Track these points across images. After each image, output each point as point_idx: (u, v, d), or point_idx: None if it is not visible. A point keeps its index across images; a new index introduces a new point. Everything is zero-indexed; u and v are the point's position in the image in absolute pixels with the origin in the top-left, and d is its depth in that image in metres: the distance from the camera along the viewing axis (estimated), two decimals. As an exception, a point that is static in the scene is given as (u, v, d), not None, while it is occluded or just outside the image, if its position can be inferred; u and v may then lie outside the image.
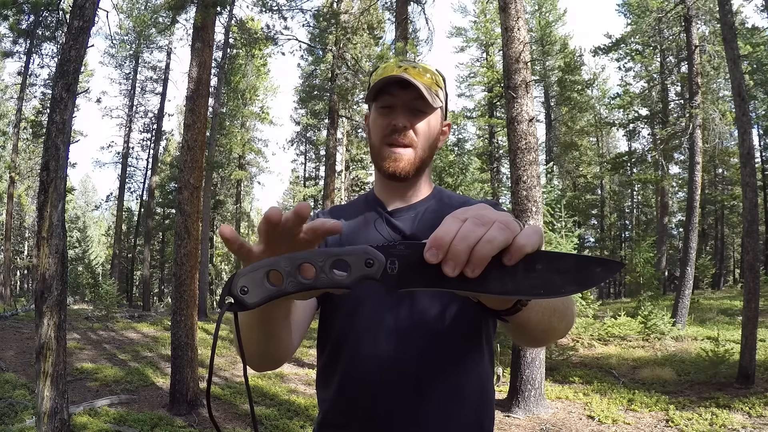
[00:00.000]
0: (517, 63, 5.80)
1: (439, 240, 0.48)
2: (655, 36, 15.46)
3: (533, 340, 0.82)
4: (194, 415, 5.62)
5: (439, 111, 1.01)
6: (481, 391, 0.94)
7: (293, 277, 0.49)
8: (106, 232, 38.07)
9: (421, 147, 0.98)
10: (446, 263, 0.48)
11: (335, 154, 16.38)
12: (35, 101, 18.34)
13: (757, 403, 5.43)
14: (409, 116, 0.97)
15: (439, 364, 0.90)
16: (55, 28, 9.60)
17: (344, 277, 0.50)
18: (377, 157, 1.00)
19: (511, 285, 0.50)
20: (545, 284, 0.50)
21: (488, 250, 0.47)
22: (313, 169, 29.80)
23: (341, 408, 0.94)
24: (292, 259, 0.50)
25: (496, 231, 0.48)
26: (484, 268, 0.48)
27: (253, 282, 0.50)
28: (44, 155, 3.83)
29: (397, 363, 0.89)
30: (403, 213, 1.01)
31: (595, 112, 24.31)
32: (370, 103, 1.03)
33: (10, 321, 11.25)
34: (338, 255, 0.50)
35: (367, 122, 1.06)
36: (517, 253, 0.48)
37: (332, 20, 13.23)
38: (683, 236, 12.17)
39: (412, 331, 0.90)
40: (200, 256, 7.31)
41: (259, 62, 21.65)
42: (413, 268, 0.51)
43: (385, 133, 0.98)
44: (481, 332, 0.95)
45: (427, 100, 0.94)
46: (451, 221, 0.50)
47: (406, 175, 0.98)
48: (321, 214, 1.05)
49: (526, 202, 5.69)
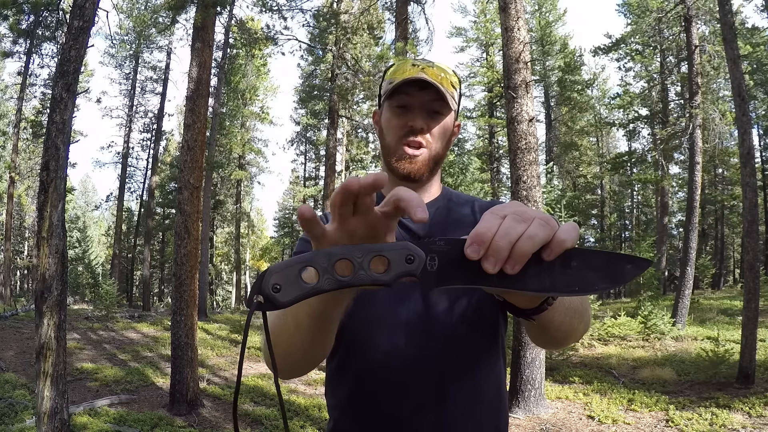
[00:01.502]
0: (517, 63, 5.79)
1: (480, 236, 0.48)
2: (655, 36, 15.47)
3: (554, 340, 0.81)
4: (194, 415, 5.62)
5: (453, 112, 0.99)
6: (497, 392, 0.93)
7: (330, 274, 0.47)
8: (106, 232, 38.07)
9: (435, 148, 0.97)
10: (487, 259, 0.48)
11: (335, 154, 16.37)
12: (35, 101, 18.36)
13: (757, 403, 5.43)
14: (426, 118, 0.95)
15: (458, 363, 0.88)
16: (55, 28, 9.61)
17: (383, 273, 0.48)
18: (391, 157, 0.98)
19: (548, 282, 0.50)
20: (580, 281, 0.50)
21: (530, 246, 0.47)
22: (313, 169, 29.80)
23: (355, 413, 0.90)
24: (328, 254, 0.48)
25: (537, 227, 0.48)
26: (525, 266, 0.48)
27: (287, 279, 0.47)
28: (44, 155, 3.83)
29: (416, 362, 0.87)
30: None
31: (595, 112, 24.32)
32: (383, 100, 1.00)
33: (10, 321, 11.25)
34: (378, 251, 0.48)
35: (377, 120, 1.03)
36: (558, 249, 0.48)
37: (332, 20, 13.22)
38: (683, 236, 12.17)
39: (429, 329, 0.88)
40: (200, 256, 7.30)
41: (259, 62, 21.66)
42: (452, 264, 0.50)
43: (400, 133, 0.96)
44: (498, 331, 0.93)
45: (446, 101, 0.93)
46: (491, 217, 0.49)
47: (420, 176, 0.97)
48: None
49: (526, 202, 5.68)
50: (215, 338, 11.05)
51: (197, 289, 6.22)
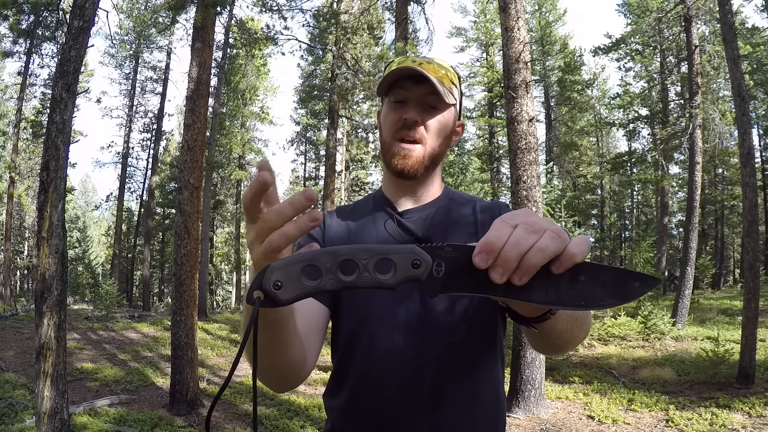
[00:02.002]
0: (517, 63, 5.79)
1: (490, 245, 0.47)
2: (655, 36, 15.46)
3: (554, 347, 0.81)
4: (194, 415, 5.62)
5: (452, 109, 0.97)
6: (496, 394, 0.92)
7: (333, 275, 0.47)
8: (106, 232, 38.08)
9: (431, 144, 0.94)
10: (495, 269, 0.47)
11: (335, 154, 16.37)
12: (35, 101, 18.36)
13: (757, 403, 5.43)
14: (421, 111, 0.93)
15: (457, 364, 0.87)
16: (55, 28, 9.61)
17: (388, 277, 0.48)
18: (386, 153, 0.96)
19: (554, 295, 0.49)
20: (587, 296, 0.49)
21: (539, 258, 0.46)
22: (313, 169, 29.80)
23: (352, 413, 0.90)
24: (333, 254, 0.47)
25: (548, 239, 0.47)
26: (532, 277, 0.47)
27: (289, 276, 0.46)
28: (44, 155, 3.83)
29: (415, 363, 0.86)
30: (413, 214, 0.97)
31: (595, 112, 24.31)
32: (382, 96, 1.00)
33: (10, 321, 11.25)
34: (384, 253, 0.48)
35: (379, 118, 1.02)
36: (568, 262, 0.47)
37: (332, 20, 13.22)
38: (683, 236, 12.17)
39: (429, 330, 0.87)
40: (200, 256, 7.30)
41: (259, 62, 21.66)
42: (459, 271, 0.49)
43: (395, 128, 0.94)
44: (497, 334, 0.92)
45: (441, 95, 0.91)
46: (502, 226, 0.48)
47: (414, 173, 0.94)
48: (327, 215, 1.02)
49: (526, 202, 5.68)
50: (215, 338, 11.05)
51: (197, 289, 6.22)
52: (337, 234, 0.98)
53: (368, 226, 0.98)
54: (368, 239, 0.96)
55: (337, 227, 1.00)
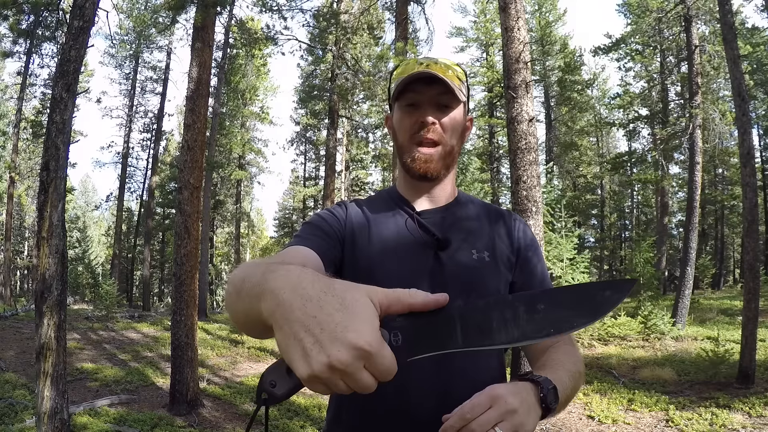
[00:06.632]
0: (517, 63, 5.79)
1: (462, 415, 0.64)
2: (655, 36, 15.46)
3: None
4: (194, 415, 5.62)
5: (462, 105, 1.00)
6: None
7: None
8: (106, 232, 38.06)
9: (449, 142, 0.98)
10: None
11: (335, 154, 16.37)
12: (35, 101, 18.33)
13: (757, 403, 5.43)
14: (436, 111, 0.96)
15: (460, 358, 0.89)
16: (55, 28, 9.60)
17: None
18: (406, 157, 0.98)
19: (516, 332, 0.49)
20: (553, 322, 0.48)
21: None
22: (313, 169, 29.80)
23: (357, 405, 0.91)
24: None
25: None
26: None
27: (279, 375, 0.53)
28: (44, 155, 3.83)
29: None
30: (431, 215, 1.00)
31: (595, 112, 24.31)
32: (392, 102, 1.01)
33: (10, 321, 11.25)
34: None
35: (390, 123, 1.04)
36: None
37: (332, 20, 13.21)
38: (683, 236, 12.17)
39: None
40: (200, 256, 7.30)
41: (259, 62, 21.64)
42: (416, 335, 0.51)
43: (412, 131, 0.96)
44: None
45: (454, 93, 0.93)
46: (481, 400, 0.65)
47: (437, 174, 0.98)
48: (347, 203, 1.04)
49: (526, 202, 5.68)
50: (215, 338, 11.05)
51: (197, 289, 6.22)
52: (357, 222, 1.01)
53: (387, 221, 1.00)
54: (387, 234, 0.98)
55: (356, 216, 1.02)
